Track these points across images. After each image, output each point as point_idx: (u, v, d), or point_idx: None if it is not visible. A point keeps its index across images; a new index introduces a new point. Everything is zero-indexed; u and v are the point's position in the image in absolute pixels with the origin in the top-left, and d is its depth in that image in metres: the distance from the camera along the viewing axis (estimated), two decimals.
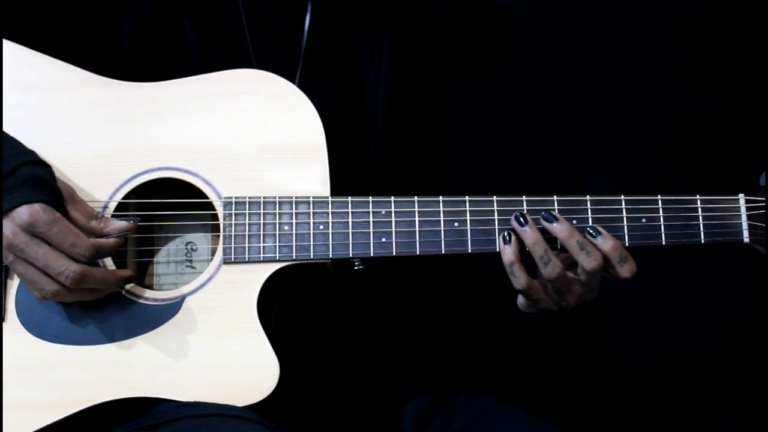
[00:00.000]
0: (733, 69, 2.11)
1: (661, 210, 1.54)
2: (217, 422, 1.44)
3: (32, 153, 1.48)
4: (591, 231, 1.50)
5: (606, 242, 1.49)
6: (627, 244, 1.52)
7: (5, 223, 1.40)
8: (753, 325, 2.15)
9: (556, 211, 1.52)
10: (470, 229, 1.52)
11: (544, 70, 2.13)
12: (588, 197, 1.53)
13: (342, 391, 1.70)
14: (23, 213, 1.40)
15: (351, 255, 1.51)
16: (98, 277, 1.45)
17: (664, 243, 1.53)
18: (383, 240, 1.51)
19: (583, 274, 1.50)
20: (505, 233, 1.50)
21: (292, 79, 1.57)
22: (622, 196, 1.54)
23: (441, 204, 1.53)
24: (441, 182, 1.86)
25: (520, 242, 1.50)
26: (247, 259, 1.51)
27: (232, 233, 1.52)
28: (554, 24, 2.12)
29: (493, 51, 2.12)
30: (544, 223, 1.51)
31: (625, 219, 1.53)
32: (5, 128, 1.52)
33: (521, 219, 1.50)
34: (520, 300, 1.58)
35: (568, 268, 1.52)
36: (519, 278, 1.50)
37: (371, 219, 1.52)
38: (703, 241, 1.54)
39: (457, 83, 2.02)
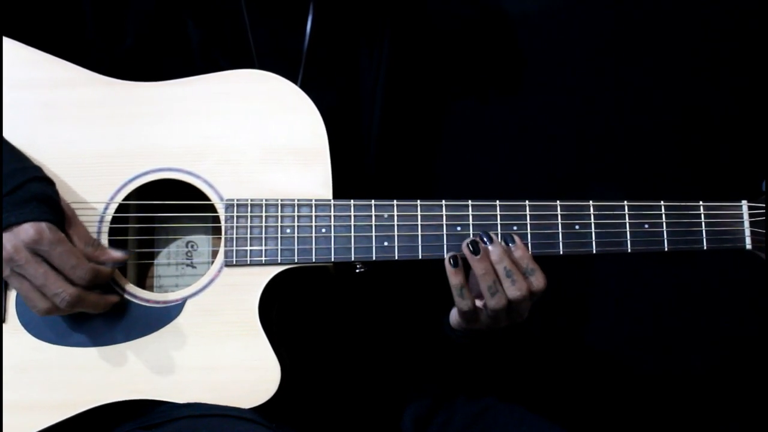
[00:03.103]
0: (737, 75, 2.10)
1: (663, 216, 1.53)
2: (216, 422, 1.45)
3: (39, 169, 1.47)
4: (506, 237, 1.49)
5: (517, 251, 1.49)
6: (629, 250, 1.52)
7: (7, 236, 1.40)
8: (753, 331, 2.15)
9: (559, 216, 1.52)
10: (473, 234, 1.51)
11: (545, 76, 2.11)
12: (591, 202, 1.53)
13: (343, 392, 1.70)
14: (29, 230, 1.39)
15: (353, 258, 1.51)
16: (91, 302, 1.45)
17: (666, 249, 1.53)
18: (385, 244, 1.51)
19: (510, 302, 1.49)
20: (453, 256, 1.49)
21: (294, 80, 1.56)
22: (625, 202, 1.53)
23: (444, 208, 1.52)
24: (439, 187, 1.85)
25: (467, 266, 1.49)
26: (248, 262, 1.51)
27: (234, 236, 1.51)
28: (556, 29, 2.11)
29: (494, 56, 2.11)
30: (479, 241, 1.49)
31: (627, 225, 1.53)
32: (6, 128, 1.51)
33: (472, 249, 1.49)
34: (454, 317, 1.57)
35: None
36: (467, 301, 1.50)
37: (374, 222, 1.52)
38: (705, 248, 1.54)
39: (456, 87, 2.01)
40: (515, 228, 1.52)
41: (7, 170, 1.43)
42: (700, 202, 1.54)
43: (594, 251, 1.52)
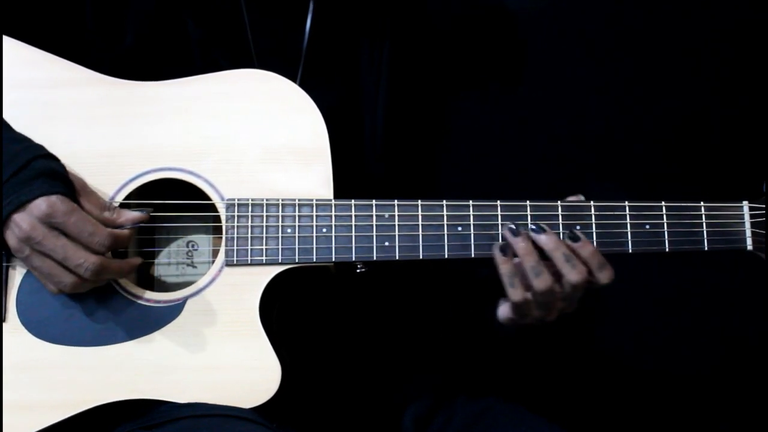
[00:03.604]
0: (738, 75, 2.11)
1: (665, 216, 1.54)
2: (217, 422, 1.45)
3: (42, 147, 1.47)
4: (571, 236, 1.50)
5: (585, 248, 1.49)
6: (630, 250, 1.53)
7: (21, 215, 1.40)
8: (754, 331, 2.16)
9: (560, 216, 1.52)
10: (473, 234, 1.52)
11: (546, 75, 2.12)
12: (592, 203, 1.53)
13: (343, 392, 1.70)
14: (41, 205, 1.39)
15: (354, 258, 1.51)
16: (115, 269, 1.45)
17: (667, 250, 1.53)
18: (386, 244, 1.51)
19: (567, 287, 1.49)
20: (503, 244, 1.49)
21: (293, 80, 1.56)
22: (626, 202, 1.53)
23: (444, 208, 1.52)
24: (440, 186, 1.85)
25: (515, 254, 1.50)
26: (249, 262, 1.51)
27: (235, 235, 1.51)
28: (557, 29, 2.11)
29: (494, 55, 2.11)
30: (532, 235, 1.50)
31: (628, 225, 1.53)
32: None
33: (512, 231, 1.49)
34: (504, 312, 1.57)
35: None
36: (518, 290, 1.49)
37: (374, 222, 1.52)
38: (706, 248, 1.54)
39: (457, 87, 2.01)
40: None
41: (11, 153, 1.43)
42: (701, 203, 1.55)
43: None
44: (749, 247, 1.54)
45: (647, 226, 1.53)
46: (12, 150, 1.43)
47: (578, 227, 1.52)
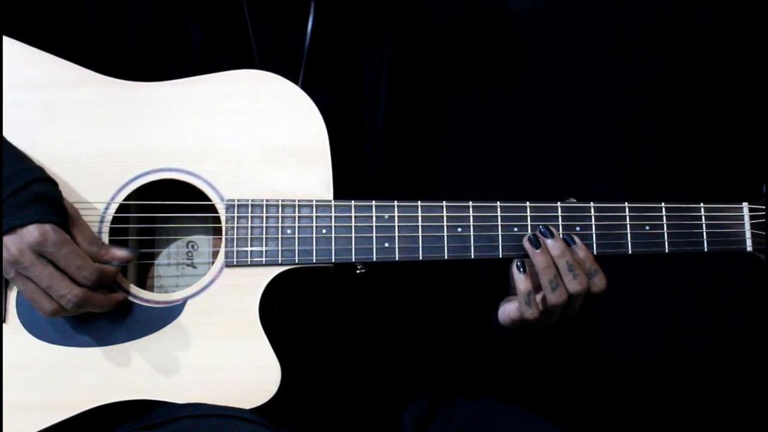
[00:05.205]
0: (738, 76, 2.11)
1: (664, 218, 1.54)
2: (216, 422, 1.45)
3: (41, 169, 1.46)
4: (567, 239, 1.50)
5: (576, 252, 1.50)
6: (630, 252, 1.53)
7: (12, 238, 1.39)
8: (754, 332, 2.16)
9: (560, 218, 1.52)
10: (473, 235, 1.52)
11: (546, 75, 2.12)
12: (592, 204, 1.53)
13: (343, 392, 1.70)
14: (33, 232, 1.39)
15: (354, 259, 1.51)
16: (97, 302, 1.45)
17: (667, 251, 1.53)
18: (386, 245, 1.51)
19: (570, 296, 1.50)
20: (521, 262, 1.50)
21: (294, 80, 1.56)
22: (626, 204, 1.54)
23: (444, 209, 1.52)
24: (440, 187, 1.85)
25: (533, 274, 1.50)
26: (249, 263, 1.51)
27: (235, 236, 1.51)
28: (558, 29, 2.11)
29: (495, 55, 2.11)
30: (539, 236, 1.50)
31: (628, 226, 1.53)
32: (6, 128, 1.51)
33: (534, 242, 1.50)
34: (505, 316, 1.58)
35: None
36: (533, 309, 1.50)
37: (374, 223, 1.52)
38: (706, 250, 1.54)
39: (458, 88, 2.01)
40: (516, 229, 1.52)
41: (10, 172, 1.42)
42: (701, 204, 1.55)
43: (595, 253, 1.53)
44: (749, 249, 1.54)
45: (647, 228, 1.53)
46: (12, 170, 1.43)
47: (578, 228, 1.52)
